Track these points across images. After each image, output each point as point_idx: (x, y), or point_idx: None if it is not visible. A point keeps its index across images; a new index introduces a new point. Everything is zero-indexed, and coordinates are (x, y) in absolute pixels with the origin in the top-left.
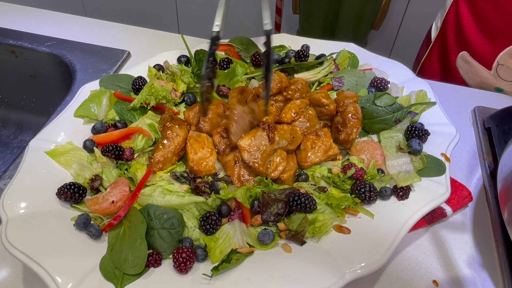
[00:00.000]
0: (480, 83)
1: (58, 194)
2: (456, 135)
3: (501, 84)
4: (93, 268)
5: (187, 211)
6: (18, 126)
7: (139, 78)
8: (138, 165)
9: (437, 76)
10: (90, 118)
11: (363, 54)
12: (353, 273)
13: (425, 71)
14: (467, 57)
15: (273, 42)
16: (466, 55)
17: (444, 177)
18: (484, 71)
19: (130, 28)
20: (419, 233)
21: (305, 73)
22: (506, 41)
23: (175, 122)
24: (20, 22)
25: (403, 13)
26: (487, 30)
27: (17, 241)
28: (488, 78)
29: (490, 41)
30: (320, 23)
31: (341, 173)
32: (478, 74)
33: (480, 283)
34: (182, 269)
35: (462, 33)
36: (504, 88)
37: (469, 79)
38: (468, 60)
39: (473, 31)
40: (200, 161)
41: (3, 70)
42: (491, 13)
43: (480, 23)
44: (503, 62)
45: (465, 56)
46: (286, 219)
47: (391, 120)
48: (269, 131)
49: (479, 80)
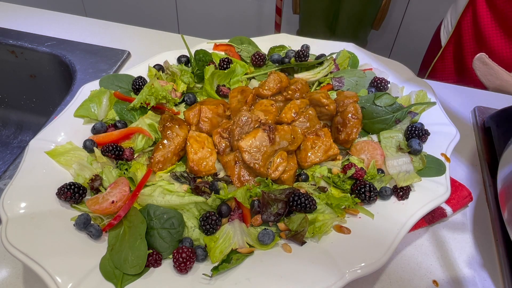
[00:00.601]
0: (499, 86)
1: (58, 194)
2: (456, 135)
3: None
4: (93, 268)
5: (187, 211)
6: (18, 126)
7: (139, 78)
8: (138, 165)
9: (451, 79)
10: (90, 118)
11: (363, 54)
12: (353, 273)
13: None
14: (485, 59)
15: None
16: (485, 56)
17: (444, 177)
18: (504, 73)
19: (130, 28)
20: (419, 233)
21: (305, 73)
22: None
23: (175, 122)
24: (20, 22)
25: (403, 13)
26: (508, 31)
27: (17, 241)
28: (509, 81)
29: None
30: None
31: (341, 173)
32: (498, 77)
33: (480, 283)
34: (182, 269)
35: (480, 34)
36: None
37: (487, 81)
38: (486, 62)
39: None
40: (200, 161)
41: (3, 70)
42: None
43: (501, 24)
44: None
45: (483, 58)
46: (286, 219)
47: (391, 120)
48: (269, 132)
49: (498, 83)
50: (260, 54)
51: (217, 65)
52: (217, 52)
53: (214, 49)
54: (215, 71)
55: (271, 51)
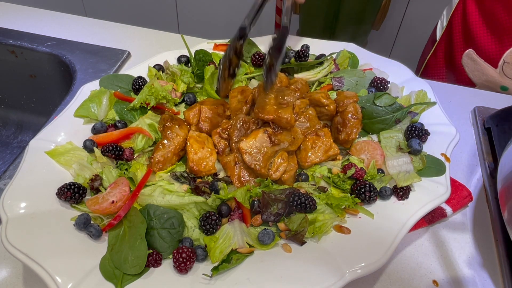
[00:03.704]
0: (485, 81)
1: (58, 194)
2: (456, 135)
3: (506, 82)
4: (93, 268)
5: (187, 211)
6: (18, 126)
7: (139, 78)
8: (138, 165)
9: (442, 75)
10: (90, 118)
11: (363, 54)
12: (353, 273)
13: (430, 70)
14: (473, 55)
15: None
16: (472, 53)
17: (444, 177)
18: (490, 69)
19: (130, 28)
20: (419, 233)
21: (305, 73)
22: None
23: (175, 122)
24: (20, 22)
25: (403, 13)
26: (494, 28)
27: (17, 241)
28: (494, 76)
29: (497, 39)
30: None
31: (341, 173)
32: (484, 72)
33: (480, 283)
34: (182, 269)
35: (468, 31)
36: (509, 86)
37: (474, 77)
38: (474, 58)
39: (480, 29)
40: (200, 161)
41: (3, 70)
42: (499, 11)
43: (488, 21)
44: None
45: (471, 54)
46: (286, 219)
47: (391, 120)
48: (270, 133)
49: (484, 78)
50: (260, 54)
51: (217, 65)
52: (217, 52)
53: (214, 49)
54: (215, 71)
55: None
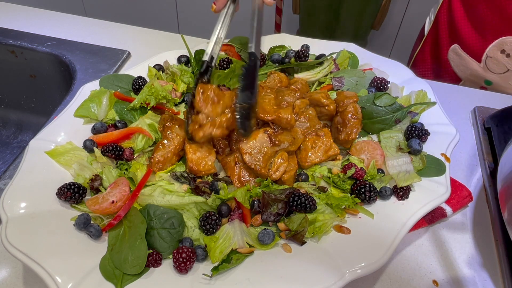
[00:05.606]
0: (470, 76)
1: (58, 194)
2: (456, 135)
3: (490, 76)
4: (93, 268)
5: (187, 211)
6: (18, 126)
7: (139, 78)
8: (138, 165)
9: (429, 70)
10: (90, 118)
11: (363, 54)
12: (353, 273)
13: (418, 66)
14: (458, 50)
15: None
16: (458, 48)
17: (444, 177)
18: (474, 63)
19: (130, 28)
20: (419, 233)
21: (305, 73)
22: (494, 34)
23: (175, 122)
24: (20, 22)
25: (403, 13)
26: (477, 23)
27: (17, 241)
28: (478, 70)
29: (479, 34)
30: (320, 23)
31: (341, 173)
32: (469, 67)
33: (480, 283)
34: (182, 269)
35: (454, 26)
36: (493, 81)
37: (460, 71)
38: (459, 53)
39: (465, 24)
40: (199, 160)
41: (3, 70)
42: (482, 8)
43: (471, 17)
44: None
45: (456, 49)
46: (286, 219)
47: (391, 120)
48: (270, 133)
49: (469, 73)
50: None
51: (217, 65)
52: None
53: None
54: (215, 71)
55: (271, 51)
